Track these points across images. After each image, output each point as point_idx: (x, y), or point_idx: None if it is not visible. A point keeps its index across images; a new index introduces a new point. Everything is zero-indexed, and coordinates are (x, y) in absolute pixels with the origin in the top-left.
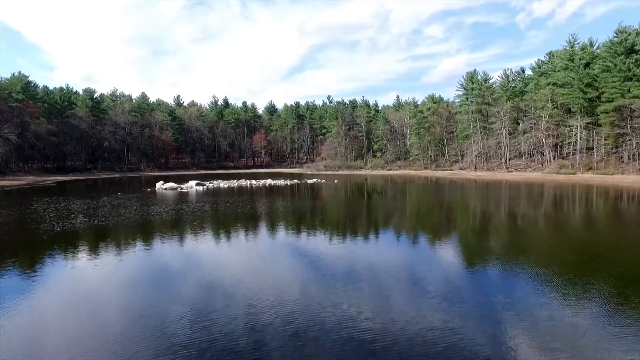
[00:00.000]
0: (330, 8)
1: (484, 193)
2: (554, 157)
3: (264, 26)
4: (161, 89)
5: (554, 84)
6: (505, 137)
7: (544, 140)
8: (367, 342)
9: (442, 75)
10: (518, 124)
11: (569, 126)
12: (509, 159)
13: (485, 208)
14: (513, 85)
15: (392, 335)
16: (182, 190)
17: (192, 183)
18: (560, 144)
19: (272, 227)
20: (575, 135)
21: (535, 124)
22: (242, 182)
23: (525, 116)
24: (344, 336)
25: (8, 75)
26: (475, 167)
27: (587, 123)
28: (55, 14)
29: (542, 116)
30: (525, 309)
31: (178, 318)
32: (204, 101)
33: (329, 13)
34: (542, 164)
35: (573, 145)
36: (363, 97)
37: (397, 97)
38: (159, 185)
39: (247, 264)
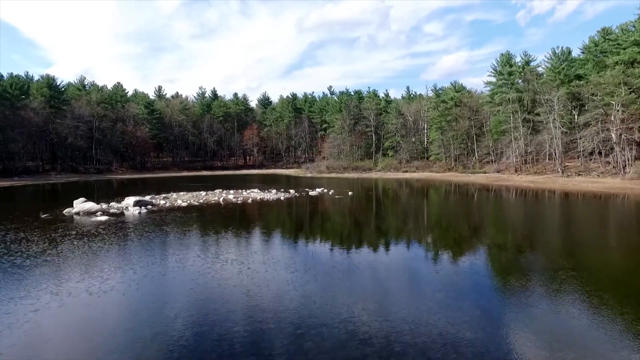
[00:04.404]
0: (329, 4)
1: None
2: (637, 158)
3: (262, 22)
4: (158, 86)
5: (625, 63)
6: (560, 132)
7: (613, 136)
8: None
9: (441, 73)
10: (573, 115)
11: None
12: (564, 160)
13: None
14: (564, 67)
15: None
16: (108, 216)
17: (130, 201)
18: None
19: None
20: None
21: (603, 114)
22: (215, 194)
23: (584, 106)
24: None
25: None
26: (516, 170)
27: None
28: (52, 10)
29: (611, 104)
30: None
31: None
32: (194, 94)
33: (328, 9)
34: (615, 167)
35: None
36: (369, 88)
37: (408, 88)
38: (77, 203)
39: None
